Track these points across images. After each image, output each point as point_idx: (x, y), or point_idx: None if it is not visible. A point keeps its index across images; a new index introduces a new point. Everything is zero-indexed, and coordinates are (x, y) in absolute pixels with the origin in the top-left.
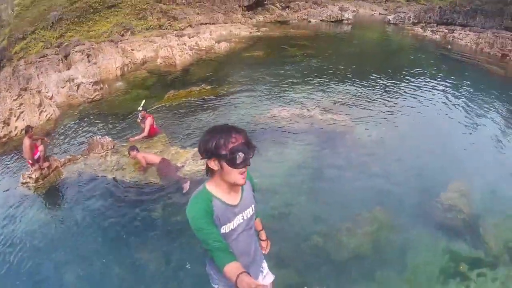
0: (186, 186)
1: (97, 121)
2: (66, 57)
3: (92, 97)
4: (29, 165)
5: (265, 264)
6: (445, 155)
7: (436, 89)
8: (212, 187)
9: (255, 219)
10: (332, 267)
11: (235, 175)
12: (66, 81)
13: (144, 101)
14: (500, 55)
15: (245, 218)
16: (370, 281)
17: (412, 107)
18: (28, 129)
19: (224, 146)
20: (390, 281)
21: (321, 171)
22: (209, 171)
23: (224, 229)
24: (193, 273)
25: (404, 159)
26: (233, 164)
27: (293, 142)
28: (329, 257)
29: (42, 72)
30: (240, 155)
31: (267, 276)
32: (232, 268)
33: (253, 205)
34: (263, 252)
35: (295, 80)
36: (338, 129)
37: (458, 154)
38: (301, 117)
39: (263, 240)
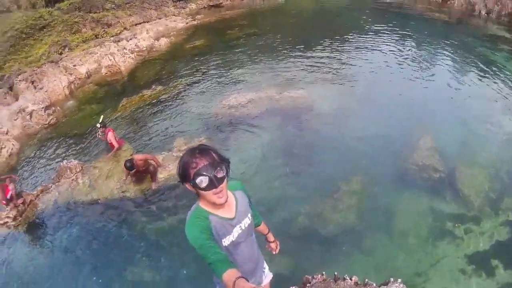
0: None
1: (58, 146)
2: (11, 88)
3: (47, 122)
4: (3, 206)
5: (265, 265)
6: (407, 112)
7: (384, 46)
8: (204, 203)
9: (260, 223)
10: (323, 245)
11: (210, 196)
12: (18, 113)
13: (102, 116)
14: (440, 0)
15: (243, 228)
16: (362, 252)
17: (364, 69)
18: None
19: (188, 172)
20: (381, 248)
21: (292, 152)
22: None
23: (225, 241)
24: (188, 278)
25: (369, 124)
26: (199, 188)
27: (257, 128)
28: (318, 235)
29: None
30: (202, 179)
31: (267, 276)
32: (229, 275)
33: (249, 215)
34: (273, 252)
35: (243, 62)
36: (298, 105)
37: (419, 109)
38: (259, 100)
39: (272, 242)
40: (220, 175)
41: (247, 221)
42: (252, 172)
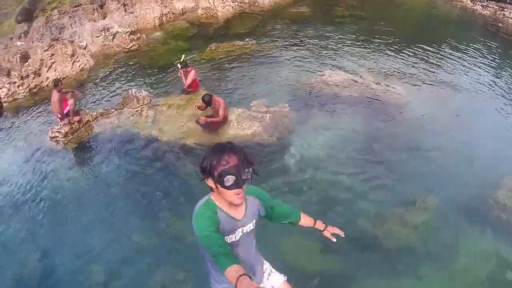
0: None
1: (133, 73)
2: (101, 6)
3: (128, 47)
4: (57, 119)
5: (267, 265)
6: (502, 146)
7: (492, 72)
8: (217, 198)
9: (299, 219)
10: (376, 256)
11: (230, 195)
12: (101, 31)
13: (184, 56)
14: None
15: (245, 232)
16: (413, 276)
17: (467, 87)
18: (57, 82)
19: (215, 168)
20: (434, 279)
21: (372, 147)
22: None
23: (227, 239)
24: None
25: (460, 144)
26: (223, 186)
27: (343, 111)
28: (375, 244)
29: (75, 22)
30: (229, 178)
31: (271, 276)
32: (233, 271)
33: (254, 221)
34: (333, 240)
35: (344, 43)
36: (392, 101)
37: None
38: (354, 84)
39: (324, 230)
40: (245, 177)
41: (250, 226)
42: (323, 155)
